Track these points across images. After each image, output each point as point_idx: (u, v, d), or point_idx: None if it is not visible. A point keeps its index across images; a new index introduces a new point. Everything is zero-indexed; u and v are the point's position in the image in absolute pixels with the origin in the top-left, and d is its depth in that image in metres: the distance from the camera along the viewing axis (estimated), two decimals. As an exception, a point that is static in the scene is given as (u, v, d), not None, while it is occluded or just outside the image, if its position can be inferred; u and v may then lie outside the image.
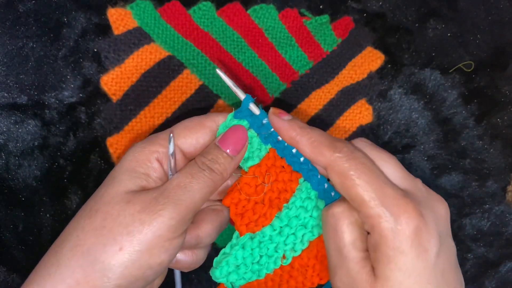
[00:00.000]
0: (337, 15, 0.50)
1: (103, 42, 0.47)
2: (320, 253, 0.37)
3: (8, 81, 0.48)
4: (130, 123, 0.47)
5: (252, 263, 0.35)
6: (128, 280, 0.26)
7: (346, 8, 0.51)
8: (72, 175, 0.48)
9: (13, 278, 0.47)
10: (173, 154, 0.29)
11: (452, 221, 0.51)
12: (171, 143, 0.29)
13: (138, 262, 0.26)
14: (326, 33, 0.50)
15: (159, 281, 0.33)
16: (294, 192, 0.35)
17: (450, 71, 0.52)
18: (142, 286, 0.27)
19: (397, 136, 0.51)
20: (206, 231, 0.30)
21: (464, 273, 0.51)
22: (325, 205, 0.35)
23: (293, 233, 0.36)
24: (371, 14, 0.50)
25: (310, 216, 0.36)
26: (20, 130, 0.48)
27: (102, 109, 0.48)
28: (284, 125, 0.30)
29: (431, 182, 0.51)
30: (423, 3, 0.52)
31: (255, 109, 0.34)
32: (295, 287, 0.37)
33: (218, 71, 0.33)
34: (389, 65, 0.51)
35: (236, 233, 0.35)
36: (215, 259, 0.35)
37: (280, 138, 0.34)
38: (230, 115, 0.35)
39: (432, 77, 0.50)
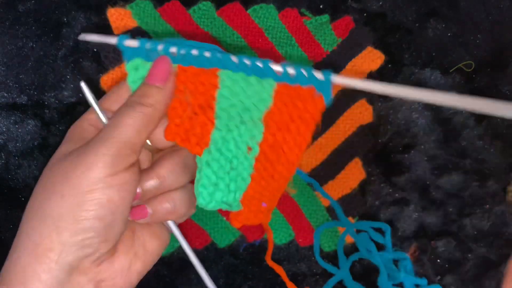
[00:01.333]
0: (337, 15, 0.50)
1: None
2: (279, 123, 0.34)
3: (8, 81, 0.48)
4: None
5: (227, 173, 0.33)
6: (79, 224, 0.26)
7: (346, 8, 0.51)
8: (72, 175, 0.48)
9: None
10: (95, 101, 0.29)
11: (453, 221, 0.51)
12: (87, 93, 0.29)
13: (82, 203, 0.25)
14: (326, 32, 0.50)
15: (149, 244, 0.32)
16: (217, 87, 0.33)
17: (451, 71, 0.52)
18: (100, 238, 0.26)
19: (397, 136, 0.51)
20: (166, 168, 0.29)
21: (465, 273, 0.51)
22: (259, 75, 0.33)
23: (240, 121, 0.33)
24: (371, 14, 0.50)
25: (247, 95, 0.33)
26: (19, 130, 0.48)
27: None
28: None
29: (431, 182, 0.51)
30: (423, 3, 0.52)
31: (133, 43, 0.33)
32: (287, 168, 0.35)
33: (82, 85, 0.32)
34: (389, 65, 0.51)
35: (197, 157, 0.34)
36: (195, 191, 0.33)
37: (178, 51, 0.33)
38: (128, 65, 0.33)
39: (432, 77, 0.50)
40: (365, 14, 0.51)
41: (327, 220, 0.50)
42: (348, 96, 0.51)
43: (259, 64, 0.33)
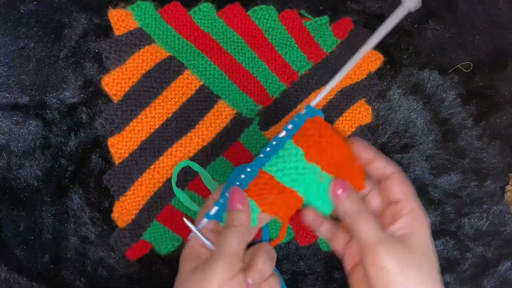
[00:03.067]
0: (336, 16, 0.50)
1: (104, 42, 0.47)
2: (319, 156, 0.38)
3: (10, 82, 0.48)
4: (131, 123, 0.47)
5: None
6: None
7: (346, 9, 0.51)
8: (73, 175, 0.48)
9: (14, 277, 0.47)
10: (204, 235, 0.38)
11: (451, 221, 0.51)
12: (193, 228, 0.38)
13: None
14: (325, 34, 0.50)
15: None
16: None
17: (449, 71, 0.52)
18: None
19: (396, 136, 0.51)
20: (261, 262, 0.38)
21: (463, 272, 0.51)
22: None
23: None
24: (370, 15, 0.51)
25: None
26: (21, 130, 0.48)
27: (103, 110, 0.48)
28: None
29: (429, 182, 0.51)
30: (422, 4, 0.52)
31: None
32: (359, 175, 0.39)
33: (186, 222, 0.39)
34: (388, 66, 0.51)
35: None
36: None
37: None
38: (205, 216, 0.39)
39: (431, 78, 0.50)
40: (364, 15, 0.52)
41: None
42: (347, 97, 0.51)
43: (274, 142, 0.39)
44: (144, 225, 0.47)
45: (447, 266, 0.51)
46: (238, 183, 0.39)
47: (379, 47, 0.51)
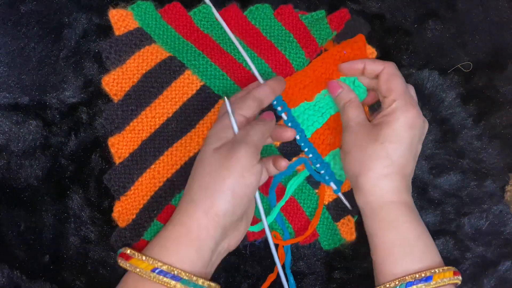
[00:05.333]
0: (336, 16, 0.50)
1: (104, 42, 0.47)
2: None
3: (10, 82, 0.48)
4: (131, 123, 0.47)
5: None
6: (237, 199, 0.39)
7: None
8: (74, 175, 0.49)
9: (15, 276, 0.47)
10: (233, 113, 0.42)
11: (451, 221, 0.51)
12: (229, 108, 0.42)
13: (238, 184, 0.39)
14: (321, 27, 0.50)
15: (245, 226, 0.44)
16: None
17: (449, 71, 0.52)
18: (241, 210, 0.40)
19: (396, 136, 0.51)
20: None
21: (463, 272, 0.51)
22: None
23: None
24: (370, 15, 0.51)
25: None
26: (21, 130, 0.48)
27: (103, 109, 0.48)
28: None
29: (429, 182, 0.51)
30: (422, 4, 0.52)
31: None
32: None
33: (226, 100, 0.43)
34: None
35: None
36: None
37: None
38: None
39: (430, 78, 0.50)
40: (364, 16, 0.52)
41: (327, 219, 0.51)
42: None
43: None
44: (144, 224, 0.47)
45: (447, 266, 0.51)
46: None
47: (379, 47, 0.51)
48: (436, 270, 0.39)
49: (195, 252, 0.38)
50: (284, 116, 0.49)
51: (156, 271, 0.37)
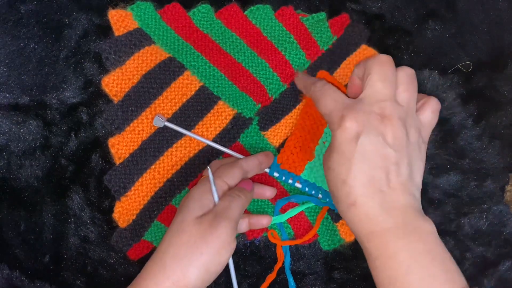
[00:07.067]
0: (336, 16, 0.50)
1: (103, 43, 0.47)
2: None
3: (10, 82, 0.48)
4: (131, 124, 0.47)
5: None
6: (208, 275, 0.39)
7: (345, 9, 0.51)
8: (74, 175, 0.49)
9: (15, 276, 0.47)
10: (214, 183, 0.42)
11: (451, 221, 0.51)
12: (211, 177, 0.43)
13: (213, 261, 0.39)
14: (322, 30, 0.50)
15: None
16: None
17: (449, 71, 0.52)
18: (208, 284, 0.40)
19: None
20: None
21: (463, 272, 0.50)
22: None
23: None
24: (370, 15, 0.51)
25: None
26: (22, 130, 0.48)
27: (103, 110, 0.48)
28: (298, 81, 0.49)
29: (429, 182, 0.51)
30: (422, 4, 0.52)
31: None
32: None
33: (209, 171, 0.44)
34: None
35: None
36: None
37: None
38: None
39: (430, 78, 0.50)
40: (364, 16, 0.52)
41: (327, 219, 0.51)
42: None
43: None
44: (145, 225, 0.47)
45: (447, 266, 0.51)
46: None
47: (379, 47, 0.51)
48: None
49: None
50: (298, 185, 0.49)
51: None
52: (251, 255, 0.51)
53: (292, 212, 0.50)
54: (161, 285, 0.38)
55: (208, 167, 0.44)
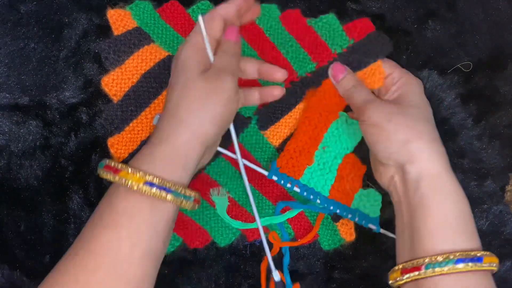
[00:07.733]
0: (336, 16, 0.50)
1: (103, 43, 0.47)
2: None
3: (10, 82, 0.48)
4: (131, 124, 0.47)
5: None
6: (223, 123, 0.41)
7: (345, 9, 0.51)
8: (74, 175, 0.49)
9: (15, 276, 0.47)
10: (209, 44, 0.42)
11: (451, 221, 0.51)
12: (203, 28, 0.42)
13: (225, 111, 0.41)
14: (335, 33, 0.49)
15: (216, 146, 0.47)
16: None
17: (449, 71, 0.52)
18: (223, 133, 0.43)
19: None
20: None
21: (463, 272, 0.51)
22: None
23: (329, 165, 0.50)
24: (370, 15, 0.50)
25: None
26: (21, 131, 0.48)
27: (103, 110, 0.48)
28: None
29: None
30: (422, 4, 0.52)
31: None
32: None
33: (200, 19, 0.43)
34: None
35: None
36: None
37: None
38: None
39: (430, 78, 0.50)
40: (364, 16, 0.51)
41: (327, 219, 0.51)
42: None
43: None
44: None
45: (447, 266, 0.51)
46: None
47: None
48: (487, 252, 0.37)
49: (182, 169, 0.39)
50: (296, 189, 0.48)
51: (148, 184, 0.37)
52: (252, 256, 0.51)
53: (292, 213, 0.49)
54: (181, 136, 0.39)
55: (200, 17, 0.43)
